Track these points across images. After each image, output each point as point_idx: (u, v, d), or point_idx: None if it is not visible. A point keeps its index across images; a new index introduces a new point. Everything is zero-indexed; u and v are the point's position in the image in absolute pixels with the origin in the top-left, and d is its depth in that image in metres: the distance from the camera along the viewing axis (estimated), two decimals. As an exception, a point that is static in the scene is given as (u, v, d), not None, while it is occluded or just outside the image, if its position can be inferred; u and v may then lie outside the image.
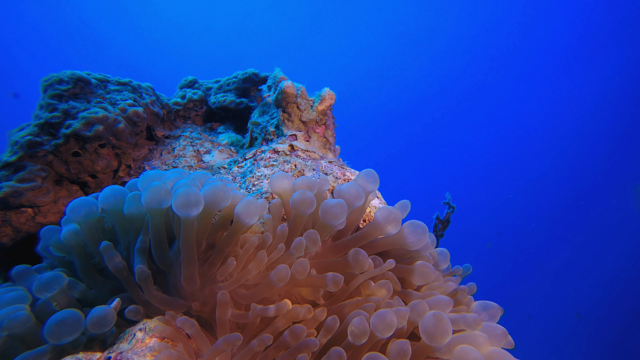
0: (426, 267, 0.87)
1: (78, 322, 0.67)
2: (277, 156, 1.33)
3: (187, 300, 0.80)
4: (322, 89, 1.53)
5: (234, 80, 2.22)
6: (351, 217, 0.96)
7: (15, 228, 1.31)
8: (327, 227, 0.81)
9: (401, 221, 0.86)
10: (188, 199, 0.70)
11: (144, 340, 0.70)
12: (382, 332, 0.67)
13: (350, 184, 0.87)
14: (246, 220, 0.76)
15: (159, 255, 0.80)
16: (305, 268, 0.75)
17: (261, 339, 0.71)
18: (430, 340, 0.66)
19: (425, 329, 0.66)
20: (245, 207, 0.76)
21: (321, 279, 0.79)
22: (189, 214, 0.71)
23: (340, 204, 0.78)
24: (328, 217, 0.78)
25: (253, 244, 0.79)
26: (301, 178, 0.89)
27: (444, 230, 2.56)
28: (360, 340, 0.68)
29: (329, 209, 0.78)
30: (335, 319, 0.74)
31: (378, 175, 0.94)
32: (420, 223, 0.87)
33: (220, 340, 0.69)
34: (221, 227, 0.85)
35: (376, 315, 0.68)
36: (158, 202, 0.74)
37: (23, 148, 1.35)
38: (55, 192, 1.39)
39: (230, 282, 0.77)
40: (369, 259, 0.81)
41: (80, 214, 0.84)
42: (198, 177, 0.89)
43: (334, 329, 0.74)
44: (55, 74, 1.53)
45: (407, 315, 0.72)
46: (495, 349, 0.72)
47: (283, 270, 0.74)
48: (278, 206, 0.87)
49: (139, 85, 1.77)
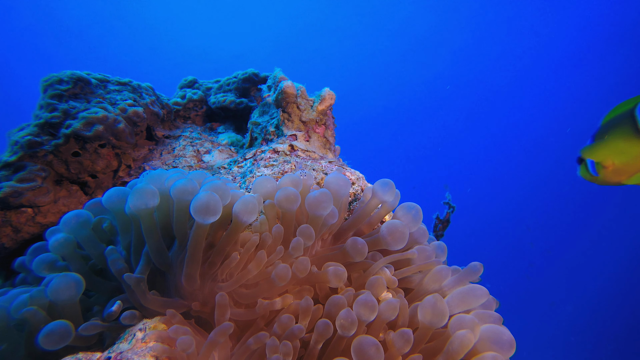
0: (424, 250, 0.90)
1: (67, 332, 0.70)
2: (277, 156, 1.33)
3: (186, 300, 0.80)
4: (322, 89, 1.53)
5: (234, 80, 2.22)
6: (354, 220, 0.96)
7: (15, 228, 1.32)
8: (317, 219, 0.82)
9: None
10: (207, 205, 0.71)
11: (144, 340, 0.70)
12: (366, 315, 0.69)
13: (334, 174, 0.90)
14: (244, 219, 0.76)
15: (157, 256, 0.80)
16: (306, 266, 0.75)
17: (258, 337, 0.72)
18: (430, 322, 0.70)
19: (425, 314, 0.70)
20: (243, 205, 0.76)
21: (323, 275, 0.79)
22: (205, 221, 0.72)
23: (323, 192, 0.80)
24: (314, 208, 0.79)
25: (254, 243, 0.79)
26: (286, 176, 0.90)
27: (444, 230, 2.56)
28: (349, 332, 0.69)
29: (313, 199, 0.79)
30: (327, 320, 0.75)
31: (373, 172, 0.95)
32: (414, 205, 0.92)
33: (212, 334, 0.70)
34: (221, 226, 0.85)
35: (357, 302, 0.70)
36: (145, 203, 0.75)
37: (23, 148, 1.35)
38: (55, 192, 1.39)
39: (231, 283, 0.77)
40: (367, 246, 0.81)
41: (74, 224, 0.84)
42: (196, 176, 0.89)
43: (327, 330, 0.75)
44: (55, 74, 1.53)
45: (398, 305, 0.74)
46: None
47: (283, 270, 0.74)
48: (270, 207, 0.87)
49: (139, 85, 1.77)
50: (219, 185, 0.78)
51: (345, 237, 0.95)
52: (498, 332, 0.73)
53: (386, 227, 0.83)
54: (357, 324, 0.68)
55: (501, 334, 0.73)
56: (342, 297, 0.75)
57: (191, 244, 0.75)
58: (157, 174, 0.89)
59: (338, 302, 0.73)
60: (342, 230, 0.96)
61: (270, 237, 0.81)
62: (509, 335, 0.73)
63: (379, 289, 0.77)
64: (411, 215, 0.91)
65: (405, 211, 0.92)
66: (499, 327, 0.75)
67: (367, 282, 0.78)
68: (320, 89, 1.54)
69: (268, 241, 0.81)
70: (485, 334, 0.73)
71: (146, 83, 1.82)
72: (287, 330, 0.71)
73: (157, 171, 0.89)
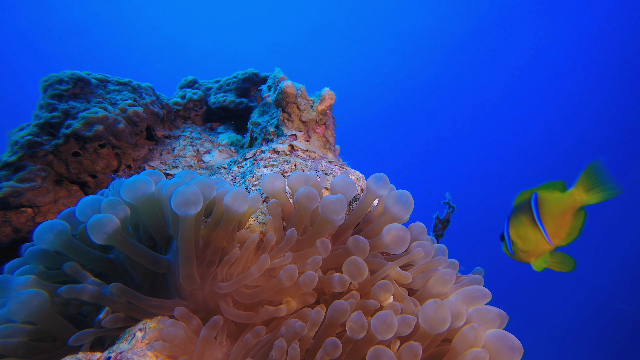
0: (426, 246, 0.89)
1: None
2: (277, 156, 1.33)
3: (187, 301, 0.80)
4: (322, 89, 1.53)
5: (234, 80, 2.22)
6: (352, 218, 0.96)
7: (15, 228, 1.32)
8: (328, 223, 0.81)
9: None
10: (186, 196, 0.70)
11: (144, 340, 0.70)
12: (383, 333, 0.67)
13: (341, 176, 0.90)
14: (234, 208, 0.76)
15: (150, 264, 0.81)
16: (313, 281, 0.75)
17: (256, 332, 0.72)
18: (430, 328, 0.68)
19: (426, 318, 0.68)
20: (232, 196, 0.76)
21: (328, 280, 0.79)
22: (187, 212, 0.71)
23: (340, 200, 0.79)
24: (329, 212, 0.79)
25: (253, 241, 0.79)
26: (295, 173, 0.90)
27: (444, 230, 2.56)
28: (358, 335, 0.68)
29: (330, 204, 0.79)
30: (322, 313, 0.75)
31: (373, 172, 0.96)
32: (405, 193, 0.91)
33: (203, 330, 0.69)
34: (216, 224, 0.85)
35: (377, 317, 0.68)
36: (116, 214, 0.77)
37: (23, 148, 1.36)
38: (55, 192, 1.39)
39: (231, 283, 0.77)
40: (368, 245, 0.81)
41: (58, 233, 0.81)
42: (184, 175, 0.89)
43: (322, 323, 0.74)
44: (55, 74, 1.53)
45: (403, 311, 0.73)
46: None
47: (291, 271, 0.74)
48: (276, 205, 0.87)
49: (139, 85, 1.77)
50: (203, 179, 0.78)
51: (345, 236, 0.95)
52: (506, 339, 0.71)
53: (387, 231, 0.82)
54: (366, 328, 0.67)
55: (509, 340, 0.70)
56: (345, 303, 0.72)
57: (180, 240, 0.74)
58: (130, 181, 0.89)
59: (341, 309, 0.71)
60: (341, 229, 0.95)
61: (275, 236, 0.81)
62: (517, 342, 0.71)
63: (385, 295, 0.77)
64: (402, 204, 0.89)
65: (395, 200, 0.90)
66: (507, 334, 0.73)
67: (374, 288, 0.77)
68: (320, 89, 1.54)
69: (272, 240, 0.81)
70: (492, 341, 0.71)
71: (146, 83, 1.82)
72: (296, 335, 0.71)
73: (130, 178, 0.87)
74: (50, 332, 0.78)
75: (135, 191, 0.80)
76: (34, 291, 0.73)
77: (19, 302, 0.71)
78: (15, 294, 0.72)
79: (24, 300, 0.71)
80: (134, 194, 0.80)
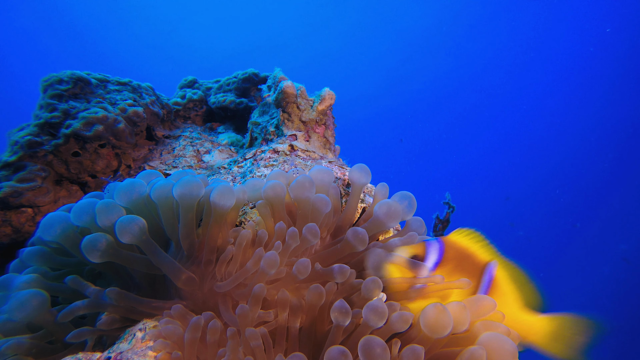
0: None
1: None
2: (277, 156, 1.33)
3: (187, 301, 0.80)
4: (322, 89, 1.53)
5: (234, 80, 2.22)
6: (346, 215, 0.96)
7: (15, 228, 1.32)
8: (304, 202, 0.84)
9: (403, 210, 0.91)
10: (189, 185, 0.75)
11: (143, 340, 0.70)
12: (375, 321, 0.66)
13: (316, 167, 0.95)
14: (221, 203, 0.76)
15: (148, 269, 0.81)
16: (307, 267, 0.74)
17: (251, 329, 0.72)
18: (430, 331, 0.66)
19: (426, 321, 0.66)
20: (218, 192, 0.77)
21: (328, 273, 0.78)
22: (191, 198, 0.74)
23: (305, 176, 0.85)
24: (298, 192, 0.84)
25: (245, 237, 0.79)
26: (275, 171, 0.94)
27: (444, 230, 2.56)
28: (345, 321, 0.66)
29: (296, 183, 0.83)
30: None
31: (373, 173, 0.98)
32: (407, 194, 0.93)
33: (187, 330, 0.69)
34: (208, 223, 0.85)
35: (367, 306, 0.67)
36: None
37: (23, 148, 1.36)
38: (55, 192, 1.39)
39: (229, 282, 0.77)
40: (367, 234, 0.80)
41: (60, 230, 0.81)
42: (174, 176, 0.89)
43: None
44: (55, 74, 1.53)
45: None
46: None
47: (272, 257, 0.72)
48: (263, 206, 0.87)
49: (139, 85, 1.77)
50: (189, 178, 0.79)
51: (343, 232, 0.96)
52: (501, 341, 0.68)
53: (378, 207, 0.86)
54: (350, 315, 0.67)
55: (504, 342, 0.67)
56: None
57: (174, 244, 0.75)
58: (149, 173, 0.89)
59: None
60: (337, 228, 0.96)
61: (266, 234, 0.81)
62: (513, 345, 0.67)
63: (375, 292, 0.75)
64: (406, 201, 0.93)
65: (400, 198, 0.93)
66: (502, 336, 0.70)
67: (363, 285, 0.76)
68: (320, 89, 1.54)
69: (265, 238, 0.81)
70: (486, 342, 0.66)
71: (146, 83, 1.82)
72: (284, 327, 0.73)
73: (124, 182, 0.86)
74: (50, 333, 0.77)
75: (130, 195, 0.80)
76: (33, 291, 0.73)
77: (18, 302, 0.71)
78: (15, 294, 0.72)
79: (22, 300, 0.71)
80: (128, 198, 0.80)
